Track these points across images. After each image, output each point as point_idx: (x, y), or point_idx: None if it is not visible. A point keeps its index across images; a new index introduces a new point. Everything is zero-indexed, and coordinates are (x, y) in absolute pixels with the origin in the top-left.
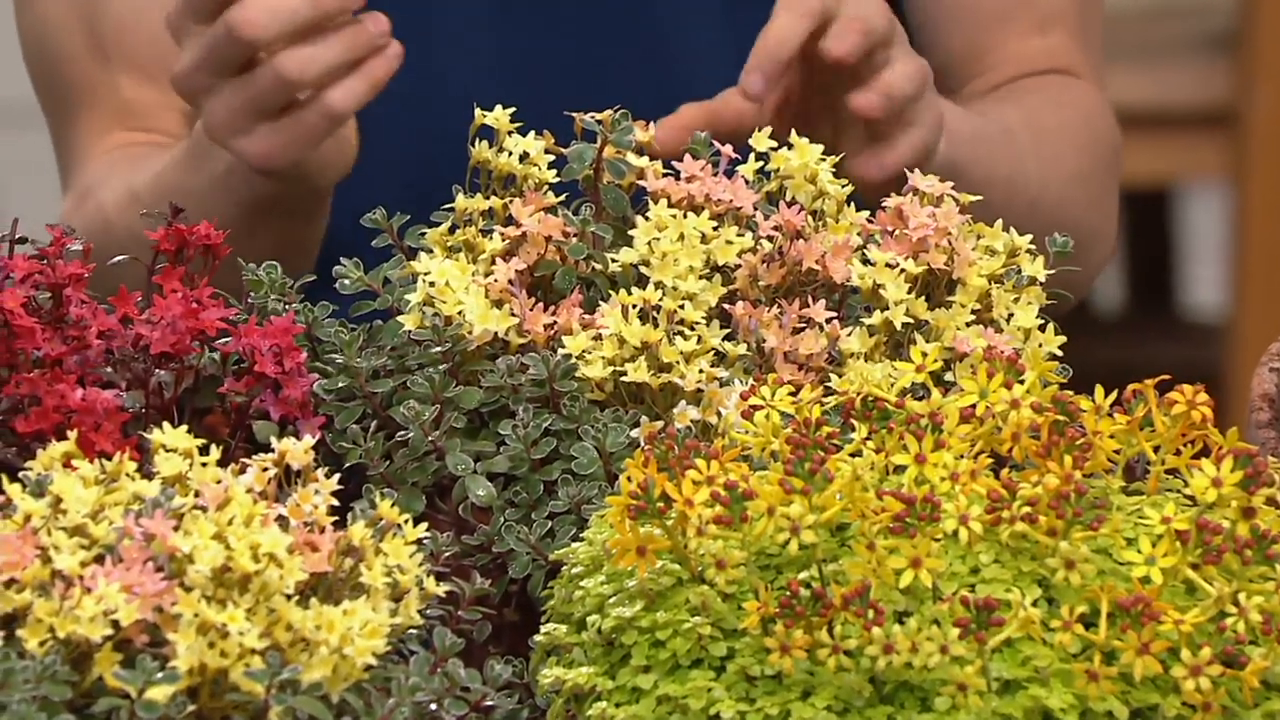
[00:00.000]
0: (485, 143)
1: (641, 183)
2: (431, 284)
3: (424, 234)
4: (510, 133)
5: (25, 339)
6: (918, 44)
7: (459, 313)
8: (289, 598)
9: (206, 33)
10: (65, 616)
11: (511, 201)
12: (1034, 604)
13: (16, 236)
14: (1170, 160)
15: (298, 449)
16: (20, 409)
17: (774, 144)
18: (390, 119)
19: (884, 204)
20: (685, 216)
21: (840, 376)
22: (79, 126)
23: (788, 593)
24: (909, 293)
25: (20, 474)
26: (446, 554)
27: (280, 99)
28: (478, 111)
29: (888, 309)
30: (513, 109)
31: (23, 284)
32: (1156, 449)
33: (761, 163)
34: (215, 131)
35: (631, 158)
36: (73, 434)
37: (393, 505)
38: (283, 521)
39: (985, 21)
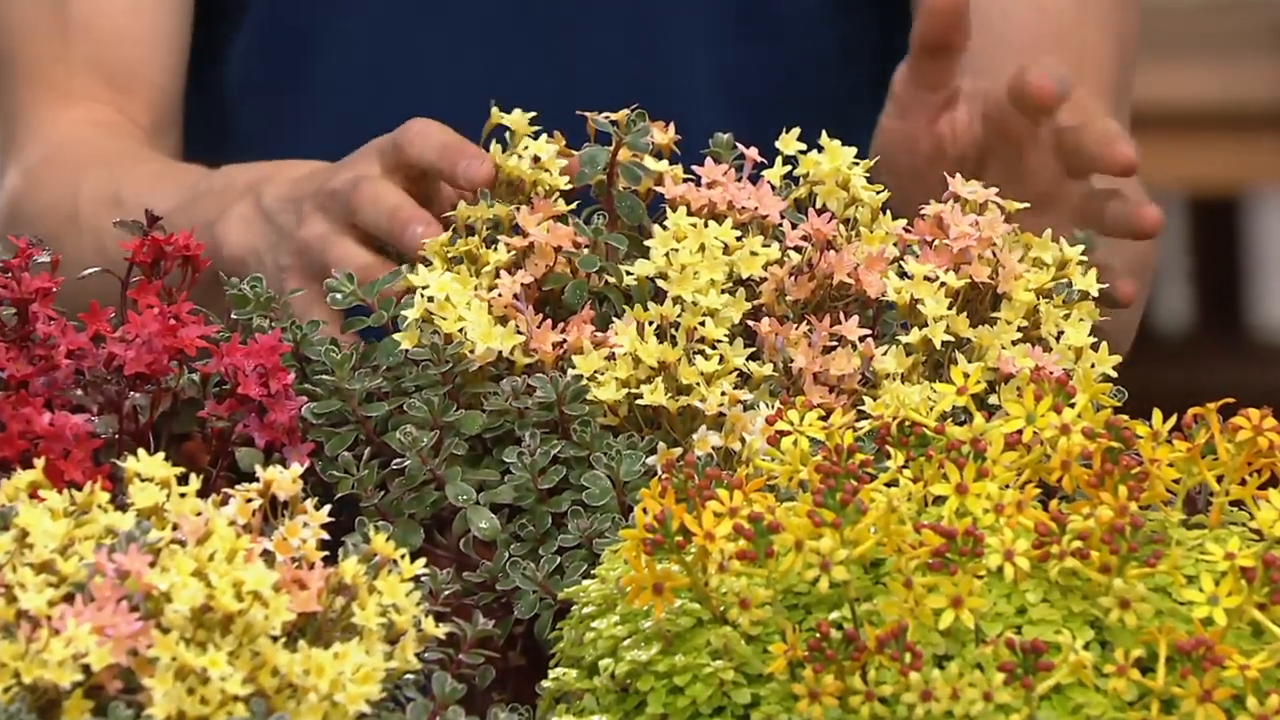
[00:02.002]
0: (497, 145)
1: (659, 189)
2: (430, 299)
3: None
4: (525, 136)
5: None
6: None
7: (460, 330)
8: (275, 640)
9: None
10: (31, 660)
11: (518, 209)
12: (1085, 647)
13: None
14: (1239, 164)
15: (285, 478)
16: None
17: (802, 146)
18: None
19: (921, 211)
20: (706, 225)
21: (874, 399)
22: (26, 97)
23: (817, 634)
24: (950, 308)
25: None
26: (446, 592)
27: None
28: (494, 112)
29: (926, 326)
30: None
31: None
32: (1220, 478)
33: (789, 167)
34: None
35: (648, 161)
36: (40, 462)
37: (388, 539)
38: (268, 557)
39: (1014, 53)
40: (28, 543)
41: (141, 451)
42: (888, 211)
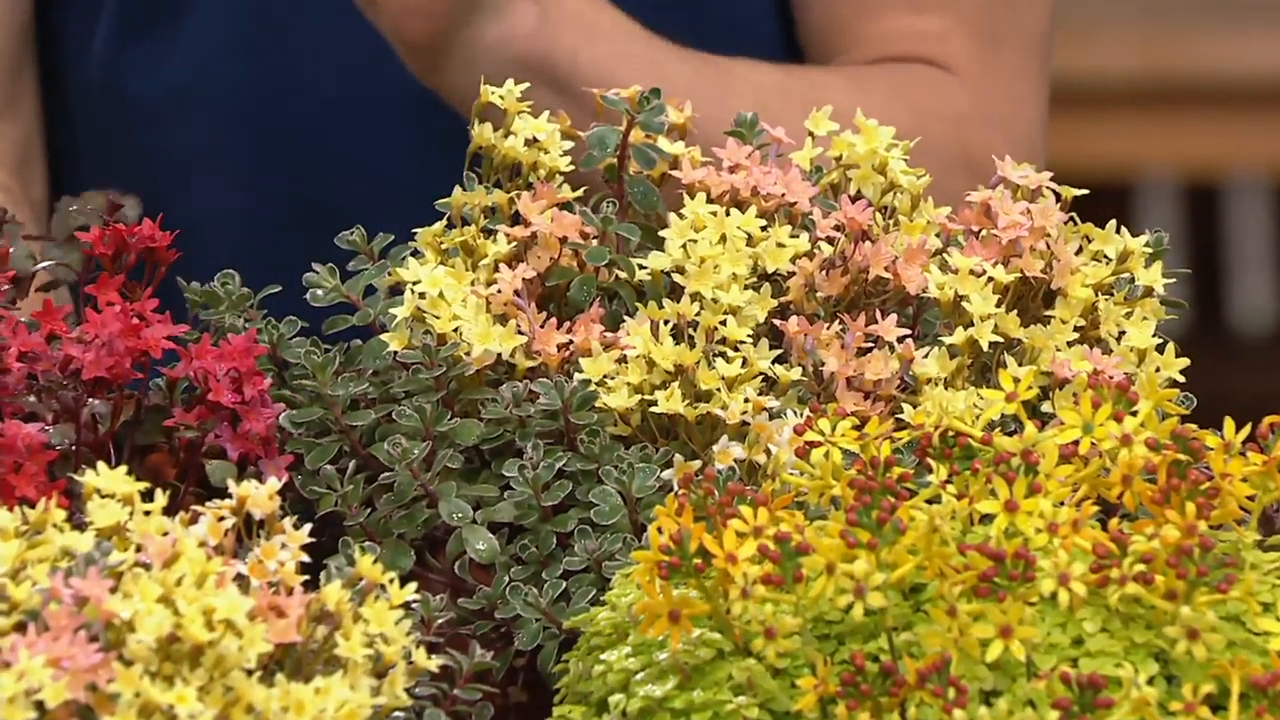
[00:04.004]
0: (488, 125)
1: (675, 173)
2: (421, 295)
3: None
4: (520, 113)
5: None
6: (796, 18)
7: (455, 330)
8: (250, 673)
9: None
10: None
11: (518, 196)
12: (1149, 682)
13: None
14: None
15: (260, 494)
16: None
17: (834, 126)
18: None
19: (968, 200)
20: (728, 214)
21: (914, 407)
22: None
23: (851, 667)
24: (998, 306)
25: None
26: (440, 621)
27: None
28: (484, 88)
29: (972, 325)
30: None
31: None
32: None
33: (820, 150)
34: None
35: (663, 143)
36: None
37: (375, 562)
38: (242, 582)
39: None
40: None
41: (101, 465)
42: (929, 199)
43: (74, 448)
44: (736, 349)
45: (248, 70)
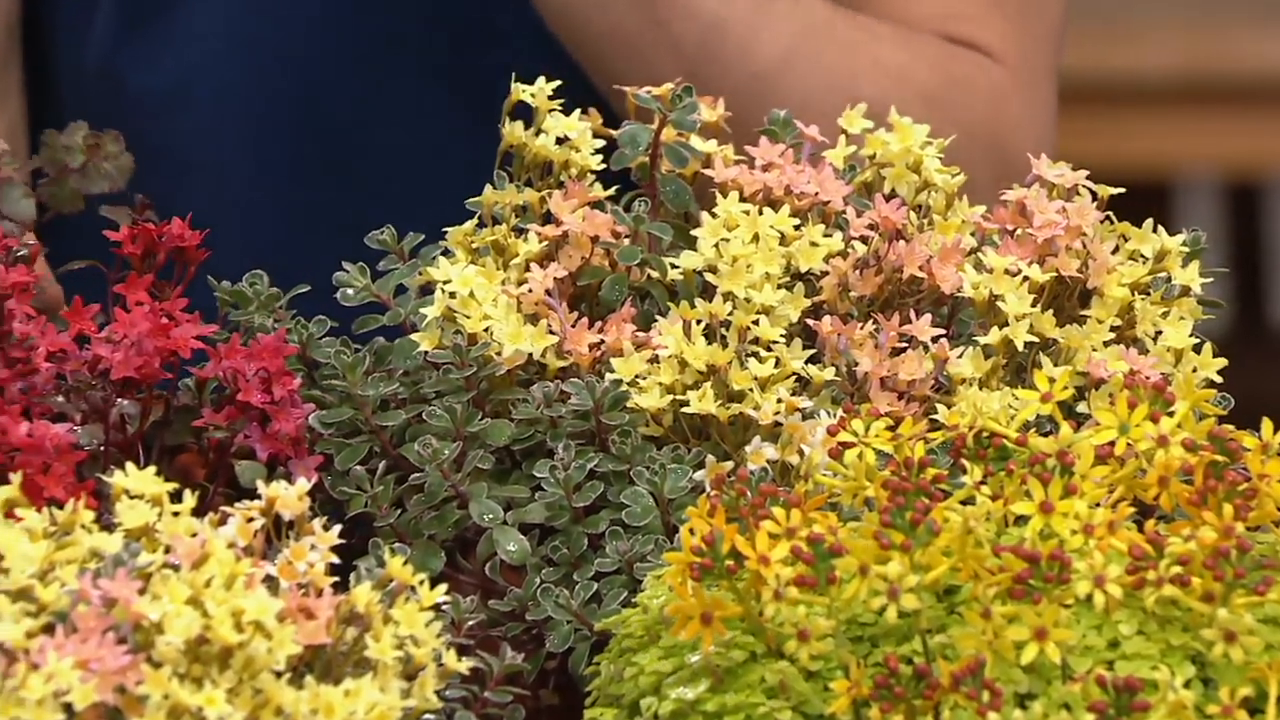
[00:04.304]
0: (519, 123)
1: (707, 172)
2: (452, 295)
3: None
4: (551, 111)
5: None
6: None
7: (485, 330)
8: (279, 675)
9: None
10: (7, 698)
11: (550, 194)
12: (1186, 685)
13: None
14: None
15: (290, 495)
16: None
17: (868, 124)
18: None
19: (1003, 198)
20: (761, 213)
21: (949, 407)
22: None
23: (885, 670)
24: (1033, 305)
25: None
26: (470, 622)
27: None
28: (515, 86)
29: (1007, 325)
30: None
31: None
32: None
33: (854, 148)
34: None
35: (696, 141)
36: (16, 477)
37: (405, 563)
38: (271, 583)
39: None
40: (3, 567)
41: (130, 465)
42: (964, 197)
43: (103, 448)
44: (769, 349)
45: (248, 63)
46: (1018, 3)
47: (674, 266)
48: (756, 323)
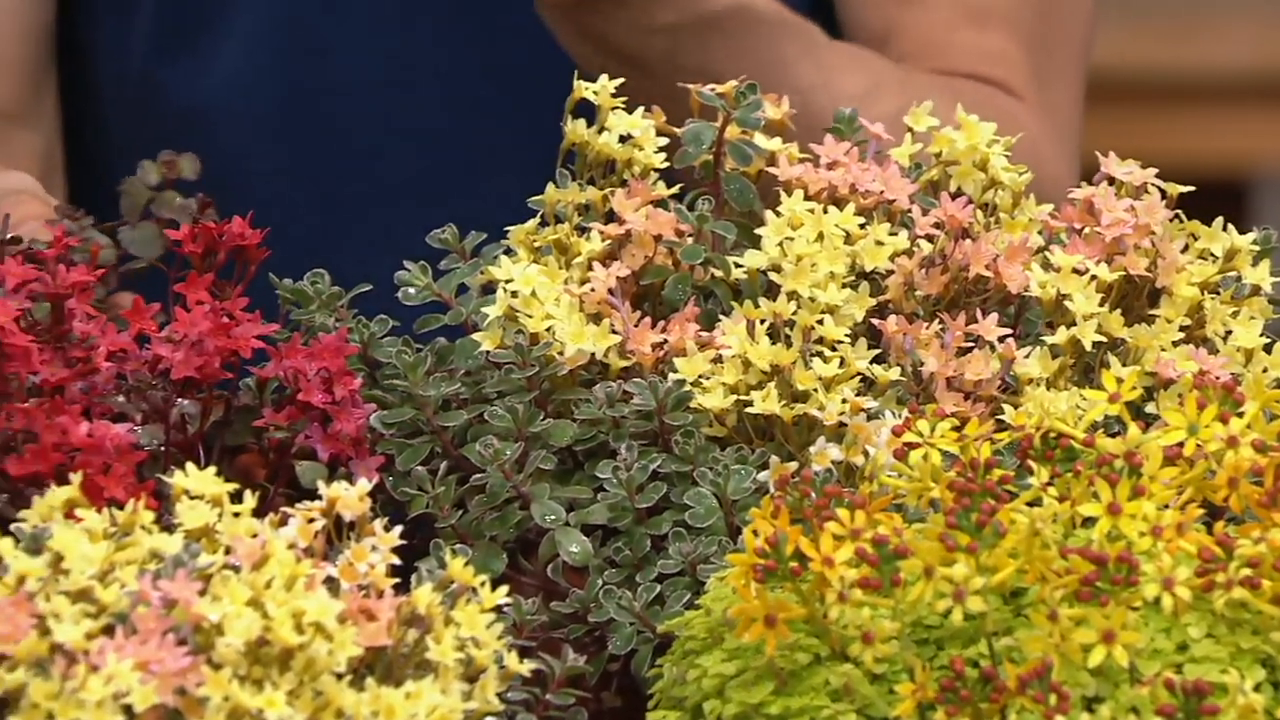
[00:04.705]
0: (581, 121)
1: (772, 170)
2: (514, 294)
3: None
4: (614, 109)
5: (19, 361)
6: (841, 20)
7: (548, 329)
8: (339, 677)
9: None
10: (67, 700)
11: (613, 193)
12: (1256, 689)
13: (8, 236)
14: None
15: (351, 496)
16: (13, 447)
17: (934, 122)
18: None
19: (1072, 196)
20: (825, 211)
21: (1015, 408)
22: None
23: (950, 673)
24: (1101, 305)
25: (13, 526)
26: (532, 624)
27: None
28: (577, 84)
29: (1075, 325)
30: None
31: (16, 294)
32: None
33: (920, 146)
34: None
35: (760, 139)
36: (76, 477)
37: (466, 564)
38: (332, 584)
39: None
40: (63, 568)
41: (190, 465)
42: (1031, 196)
43: (163, 448)
44: (834, 349)
45: (286, 80)
46: (1039, 31)
47: (738, 265)
48: (821, 322)
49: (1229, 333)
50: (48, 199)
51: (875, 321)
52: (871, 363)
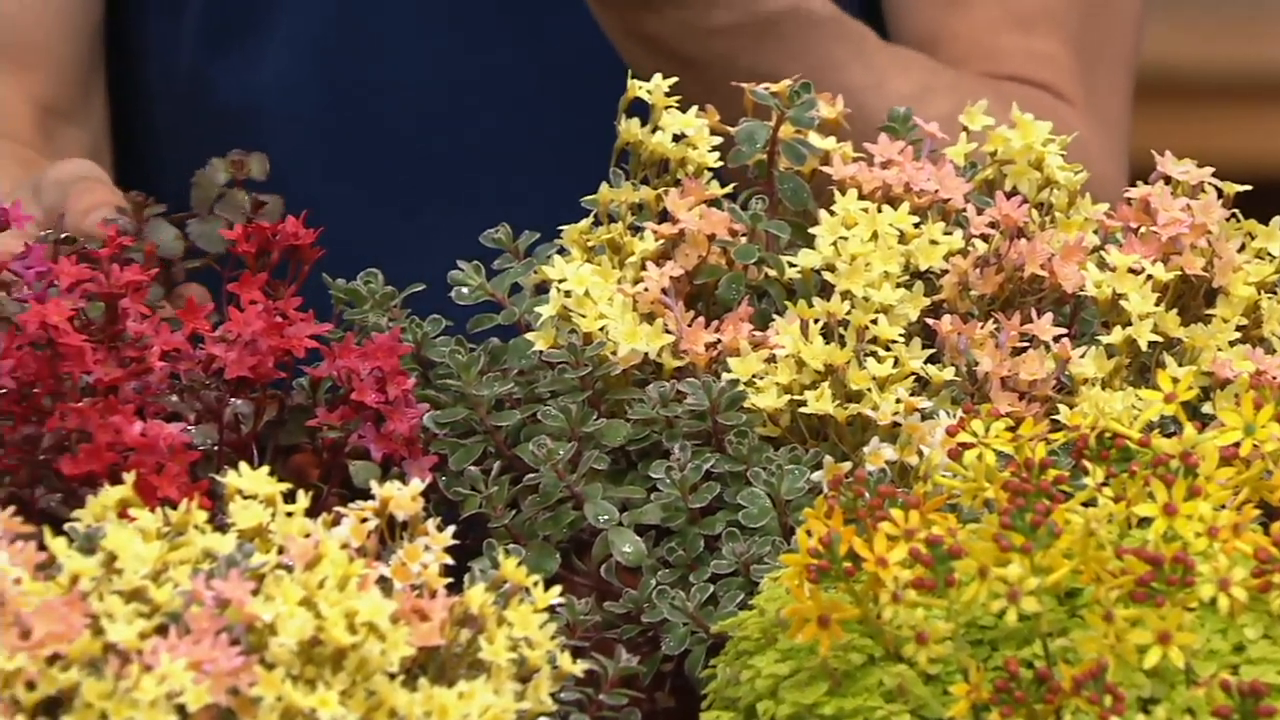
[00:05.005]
0: (635, 120)
1: (826, 169)
2: (567, 294)
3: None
4: (668, 108)
5: (73, 360)
6: (889, 26)
7: (601, 329)
8: (392, 677)
9: None
10: (120, 700)
11: (667, 192)
12: None
13: (62, 235)
14: None
15: (404, 495)
16: (66, 446)
17: (989, 121)
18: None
19: (1127, 196)
20: (880, 211)
21: (1070, 408)
22: None
23: (1005, 674)
24: (1157, 304)
25: (67, 526)
26: (586, 624)
27: None
28: (631, 82)
29: (1130, 324)
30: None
31: (70, 293)
32: None
33: (975, 145)
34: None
35: (814, 138)
36: (130, 477)
37: (520, 564)
38: (385, 584)
39: (947, 1)
40: (116, 568)
41: (244, 465)
42: (1087, 195)
43: (216, 448)
44: (888, 348)
45: (334, 79)
46: (1086, 35)
47: (791, 265)
48: (875, 322)
49: None
50: (113, 186)
51: (930, 321)
52: (926, 362)
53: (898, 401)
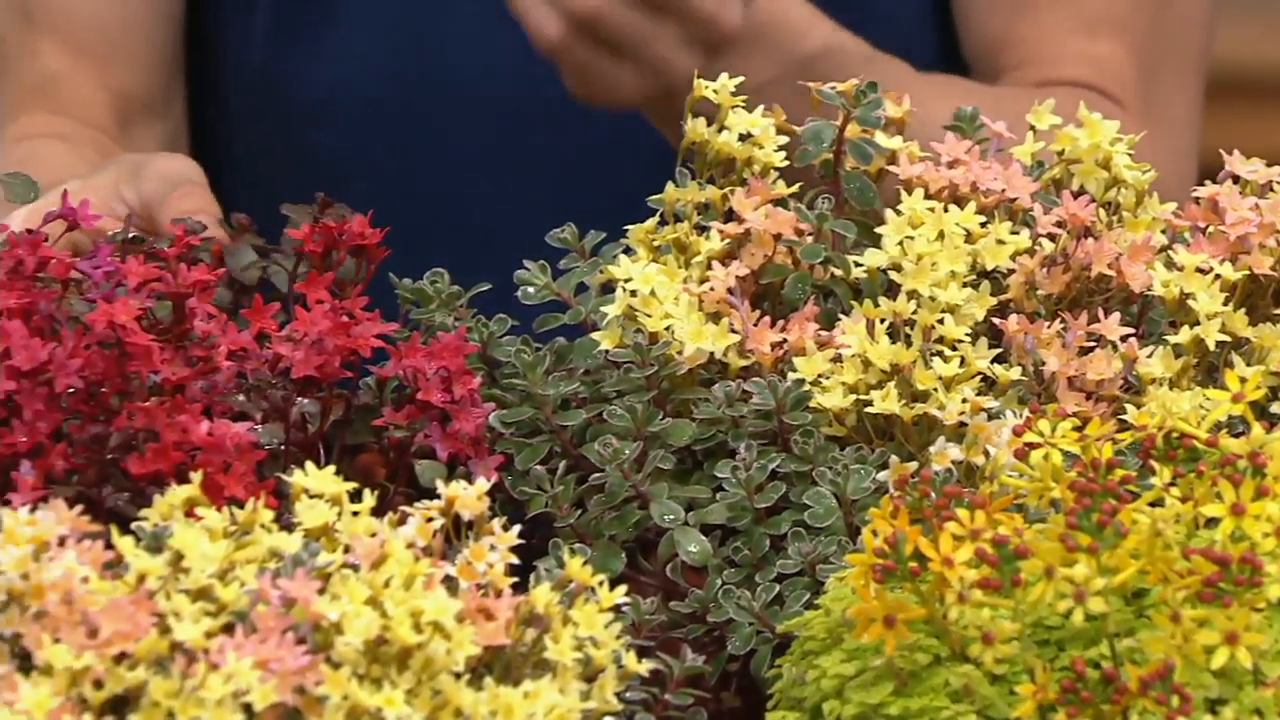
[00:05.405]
0: (701, 120)
1: (892, 169)
2: (633, 293)
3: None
4: (734, 108)
5: (140, 360)
6: (957, 26)
7: (667, 329)
8: (457, 676)
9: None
10: (187, 698)
11: (732, 191)
12: None
13: (130, 235)
14: None
15: (470, 495)
16: (134, 445)
17: (1057, 120)
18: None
19: (1195, 195)
20: (946, 210)
21: (1138, 407)
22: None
23: (1071, 674)
24: (1225, 304)
25: (134, 525)
26: (651, 624)
27: None
28: (697, 82)
29: (1198, 324)
30: None
31: (137, 293)
32: None
33: (1042, 144)
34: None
35: (880, 138)
36: (197, 476)
37: (585, 564)
38: (451, 584)
39: (1016, 5)
40: (183, 567)
41: (310, 464)
42: (1154, 194)
43: (283, 447)
44: (954, 348)
45: (404, 71)
46: (1151, 40)
47: (858, 264)
48: (941, 321)
49: None
50: (213, 196)
51: (996, 321)
52: (992, 362)
53: (964, 401)
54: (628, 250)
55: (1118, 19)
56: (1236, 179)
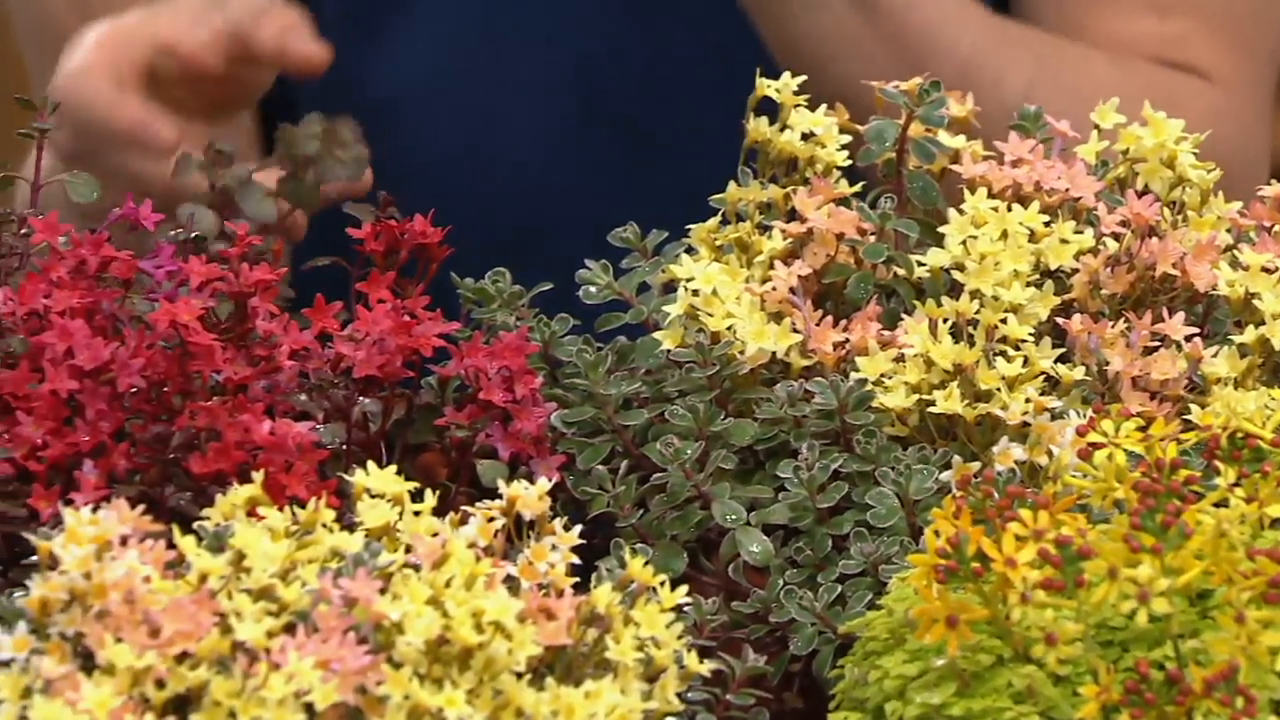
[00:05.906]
0: (764, 119)
1: (955, 168)
2: (695, 293)
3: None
4: (796, 107)
5: (202, 360)
6: (1017, 16)
7: (729, 328)
8: (519, 676)
9: None
10: (249, 698)
11: (795, 191)
12: None
13: (193, 234)
14: None
15: (531, 495)
16: (196, 445)
17: (1121, 119)
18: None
19: (1261, 194)
20: (1009, 209)
21: (1202, 407)
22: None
23: (1135, 675)
24: None
25: (196, 524)
26: (713, 624)
27: None
28: (759, 81)
29: (1263, 324)
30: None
31: (199, 292)
32: None
33: (1106, 143)
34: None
35: (943, 137)
36: (259, 475)
37: (646, 564)
38: (512, 583)
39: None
40: (245, 566)
41: (372, 464)
42: (1219, 193)
43: (344, 447)
44: (1017, 348)
45: (472, 72)
46: (1235, 25)
47: (920, 264)
48: (1004, 321)
49: None
50: (298, 14)
51: (1060, 320)
52: (1056, 362)
53: (1027, 401)
54: (690, 250)
55: (1188, 1)
56: None
